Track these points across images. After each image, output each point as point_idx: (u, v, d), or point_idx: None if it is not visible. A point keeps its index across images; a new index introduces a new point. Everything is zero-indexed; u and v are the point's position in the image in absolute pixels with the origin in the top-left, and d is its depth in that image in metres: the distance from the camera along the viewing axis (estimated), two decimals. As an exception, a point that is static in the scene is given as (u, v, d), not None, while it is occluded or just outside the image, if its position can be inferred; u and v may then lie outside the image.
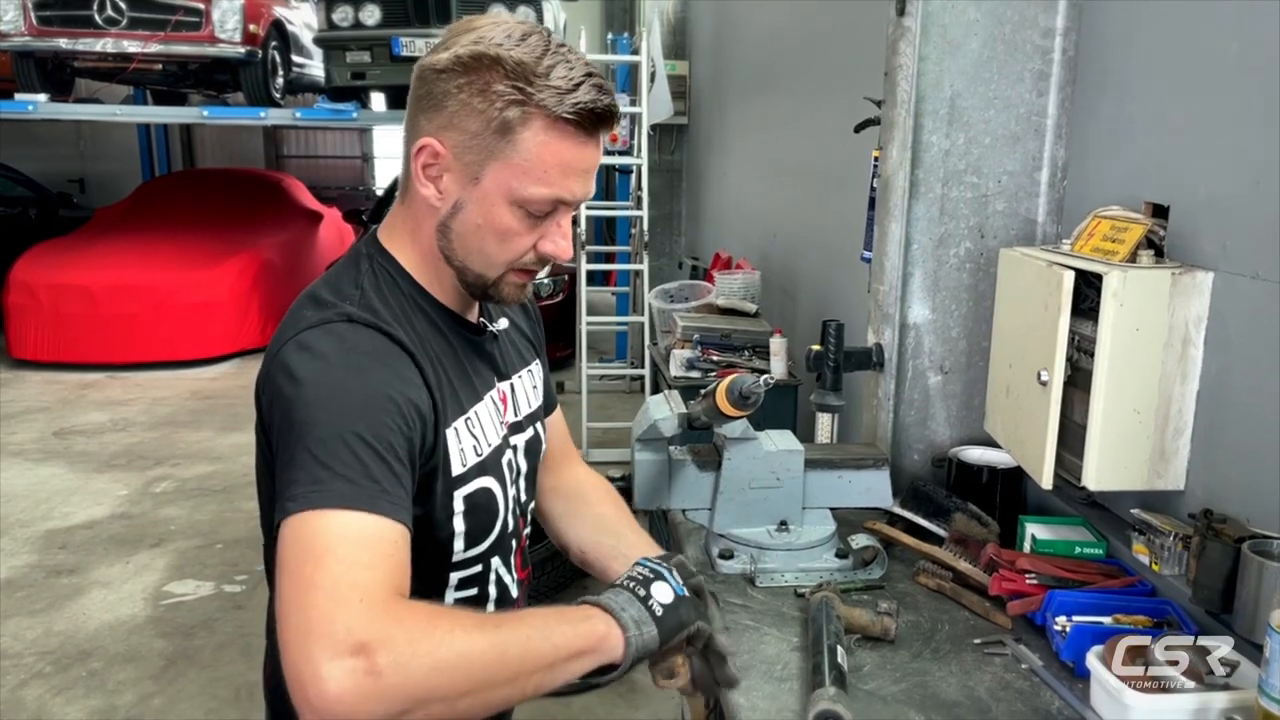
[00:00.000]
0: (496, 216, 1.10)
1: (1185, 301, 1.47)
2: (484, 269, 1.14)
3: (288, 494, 0.95)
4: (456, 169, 1.09)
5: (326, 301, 1.09)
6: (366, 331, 1.06)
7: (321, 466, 0.94)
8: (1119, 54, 1.77)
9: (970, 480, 1.89)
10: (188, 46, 7.26)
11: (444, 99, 1.07)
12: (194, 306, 7.84)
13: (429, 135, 1.09)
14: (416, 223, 1.15)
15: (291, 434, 0.98)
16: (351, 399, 0.99)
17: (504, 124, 1.06)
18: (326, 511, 0.92)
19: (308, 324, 1.06)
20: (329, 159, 15.90)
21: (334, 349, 1.03)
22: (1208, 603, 1.34)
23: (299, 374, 1.01)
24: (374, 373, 1.03)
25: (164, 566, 4.30)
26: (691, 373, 3.36)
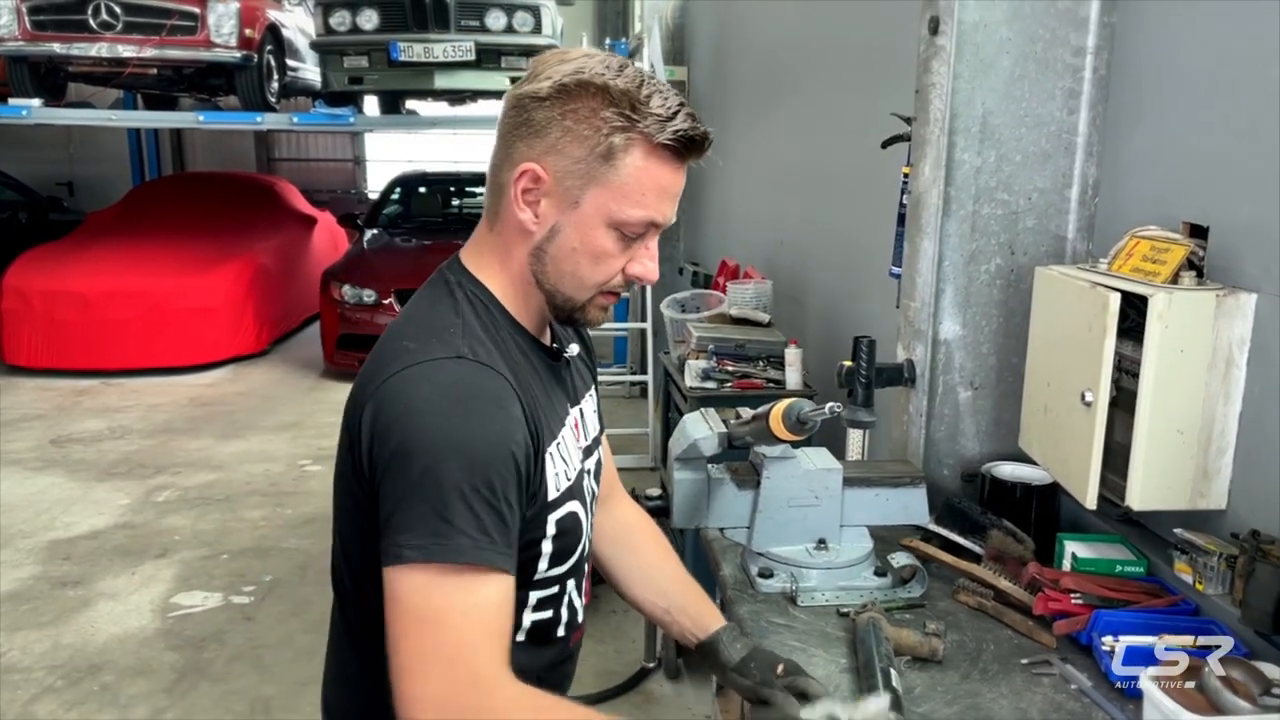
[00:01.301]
0: (594, 239, 1.12)
1: (1229, 323, 1.49)
2: (575, 291, 1.15)
3: (402, 540, 0.97)
4: (556, 194, 1.11)
5: (429, 334, 1.09)
6: (477, 370, 1.06)
7: (441, 520, 0.97)
8: (1152, 74, 1.78)
9: (1004, 497, 1.90)
10: (183, 51, 7.21)
11: (547, 125, 1.09)
12: (189, 312, 7.80)
13: (530, 161, 1.10)
14: (507, 248, 1.16)
15: (408, 477, 0.99)
16: (473, 451, 1.00)
17: (609, 149, 1.08)
18: (443, 569, 0.97)
19: (415, 359, 1.05)
20: (321, 162, 15.82)
21: (449, 392, 1.03)
22: (1258, 624, 1.36)
23: (415, 416, 1.01)
24: (492, 420, 1.03)
25: (170, 577, 4.28)
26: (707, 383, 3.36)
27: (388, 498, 1.01)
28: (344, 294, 7.63)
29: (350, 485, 1.10)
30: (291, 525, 4.87)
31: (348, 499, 1.12)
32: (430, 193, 9.80)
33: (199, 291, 7.82)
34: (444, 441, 0.99)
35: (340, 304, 7.62)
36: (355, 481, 1.09)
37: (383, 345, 1.11)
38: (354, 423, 1.08)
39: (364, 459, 1.05)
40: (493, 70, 7.26)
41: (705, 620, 1.41)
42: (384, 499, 1.02)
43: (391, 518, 1.00)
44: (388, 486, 1.01)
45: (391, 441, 1.01)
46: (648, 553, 1.49)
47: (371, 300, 7.57)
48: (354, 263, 8.20)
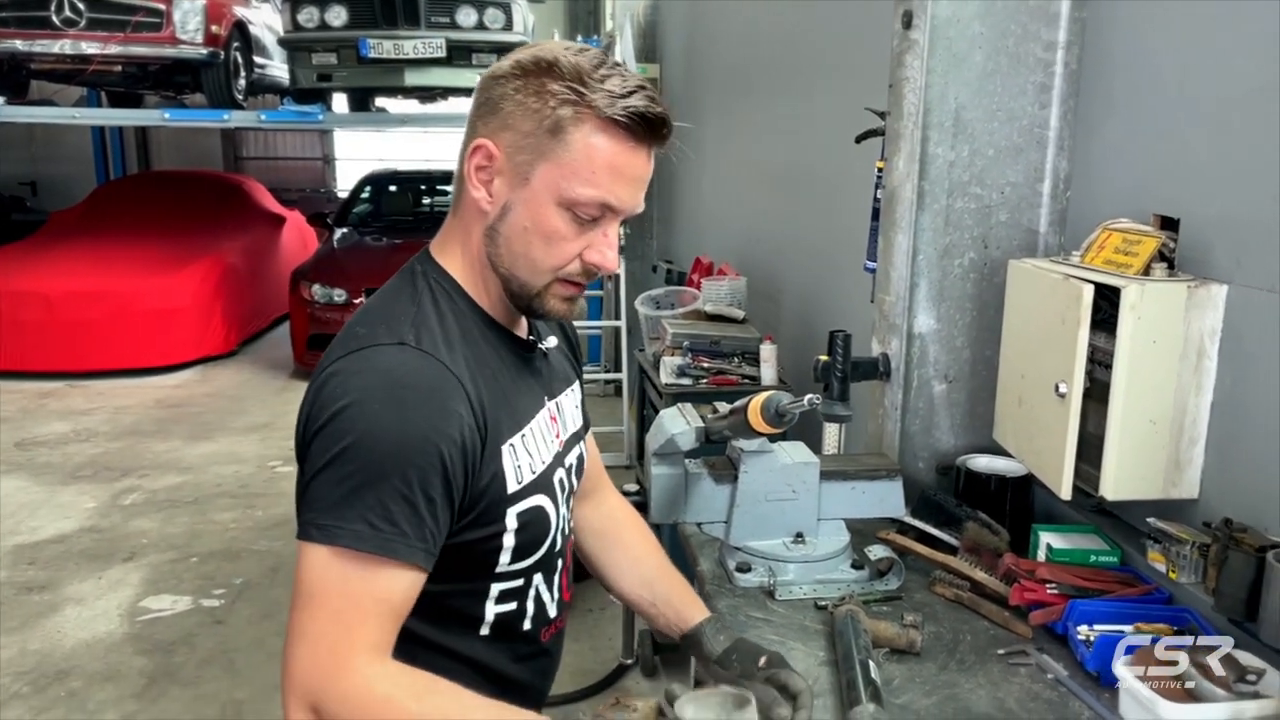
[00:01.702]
0: (544, 218, 1.10)
1: (1200, 314, 1.50)
2: (530, 276, 1.14)
3: (308, 516, 1.00)
4: (508, 170, 1.10)
5: (379, 321, 1.09)
6: (416, 357, 1.05)
7: (345, 504, 0.99)
8: (1122, 69, 1.80)
9: (979, 488, 1.91)
10: (148, 48, 7.10)
11: (500, 101, 1.09)
12: (155, 313, 7.68)
13: (483, 137, 1.10)
14: (467, 231, 1.16)
15: (326, 457, 1.01)
16: (394, 441, 1.00)
17: (556, 122, 1.07)
18: (341, 553, 0.98)
19: (357, 345, 1.06)
20: (289, 160, 15.66)
21: (380, 379, 1.03)
22: (1231, 611, 1.37)
23: (342, 400, 1.02)
24: (417, 411, 1.02)
25: (138, 581, 4.21)
26: (683, 379, 3.36)
27: (307, 474, 1.03)
28: (314, 293, 7.56)
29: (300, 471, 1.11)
30: (262, 527, 4.82)
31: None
32: (401, 191, 9.73)
33: (166, 292, 7.71)
34: (364, 428, 1.00)
35: (310, 304, 7.55)
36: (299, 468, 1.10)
37: (339, 333, 1.12)
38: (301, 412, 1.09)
39: (299, 437, 1.07)
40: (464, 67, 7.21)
41: (689, 612, 1.40)
42: (304, 475, 1.04)
43: (305, 493, 1.02)
44: (308, 464, 1.03)
45: (318, 421, 1.02)
46: (633, 545, 1.48)
47: (342, 300, 7.50)
48: (324, 262, 8.13)
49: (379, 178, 10.02)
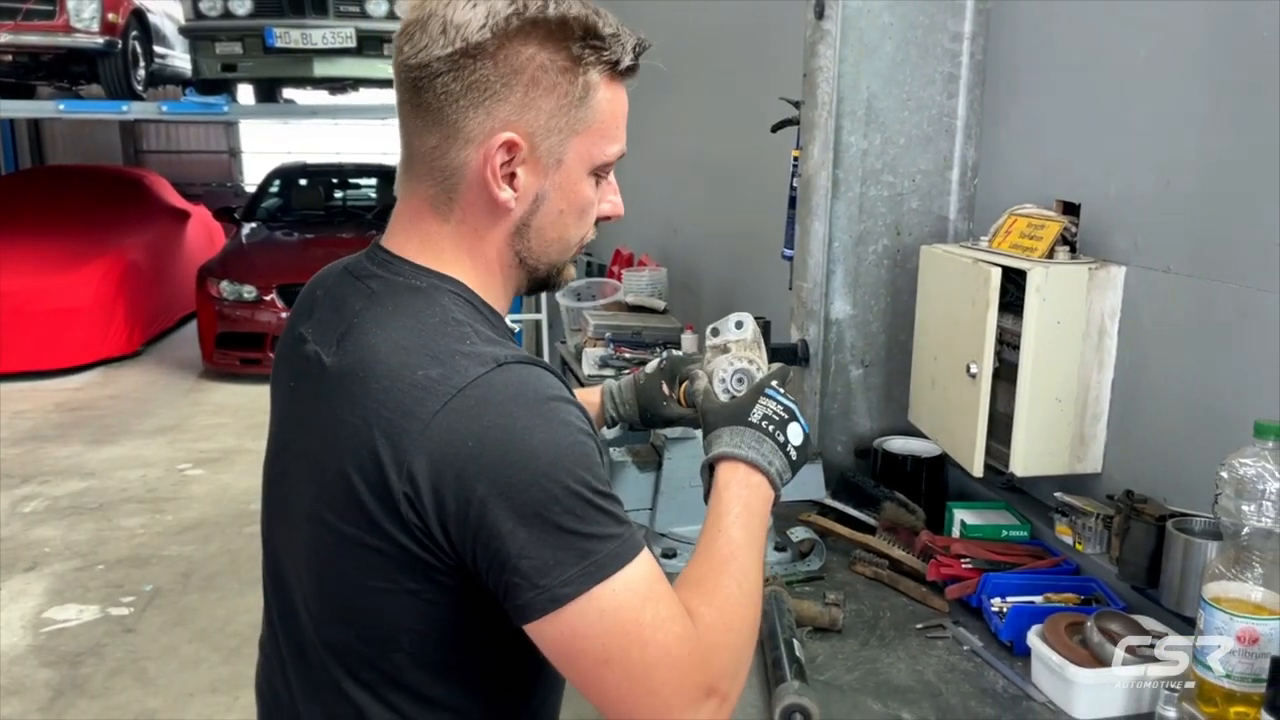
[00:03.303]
0: (579, 193, 1.00)
1: (1101, 295, 1.56)
2: (561, 255, 1.04)
3: (553, 580, 0.84)
4: (534, 158, 0.95)
5: (446, 354, 0.90)
6: (524, 370, 0.91)
7: (581, 537, 0.85)
8: (1026, 58, 1.86)
9: (895, 469, 1.95)
10: (40, 37, 6.81)
11: (507, 81, 0.92)
12: (53, 313, 7.37)
13: (499, 129, 0.93)
14: (478, 237, 0.99)
15: (519, 516, 0.84)
16: (566, 453, 0.87)
17: (585, 88, 0.95)
18: (611, 581, 0.85)
19: (455, 385, 0.87)
20: (193, 154, 15.16)
21: (514, 405, 0.87)
22: (1134, 579, 1.43)
23: (494, 449, 0.85)
24: (563, 413, 0.89)
25: (41, 591, 4.05)
26: (605, 370, 3.36)
27: (500, 550, 0.85)
28: (222, 290, 7.34)
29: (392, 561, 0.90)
30: (172, 532, 4.67)
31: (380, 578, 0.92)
32: (311, 185, 9.49)
33: (63, 291, 7.41)
34: (539, 459, 0.85)
35: (218, 301, 7.33)
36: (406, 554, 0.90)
37: (390, 386, 0.89)
38: (395, 490, 0.87)
39: (430, 523, 0.87)
40: (375, 58, 7.09)
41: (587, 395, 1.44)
42: (491, 553, 0.86)
43: (521, 566, 0.84)
44: (494, 540, 0.85)
45: (479, 488, 0.84)
46: None
47: (252, 296, 7.30)
48: (232, 258, 7.90)
49: (288, 171, 9.77)
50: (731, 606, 0.94)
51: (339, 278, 1.04)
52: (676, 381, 1.39)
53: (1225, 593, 1.17)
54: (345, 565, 0.93)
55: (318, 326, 1.00)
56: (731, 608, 0.94)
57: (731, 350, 1.24)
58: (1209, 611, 1.16)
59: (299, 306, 1.08)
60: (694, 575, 0.97)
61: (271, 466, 1.07)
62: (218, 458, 5.72)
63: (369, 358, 0.91)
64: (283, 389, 1.05)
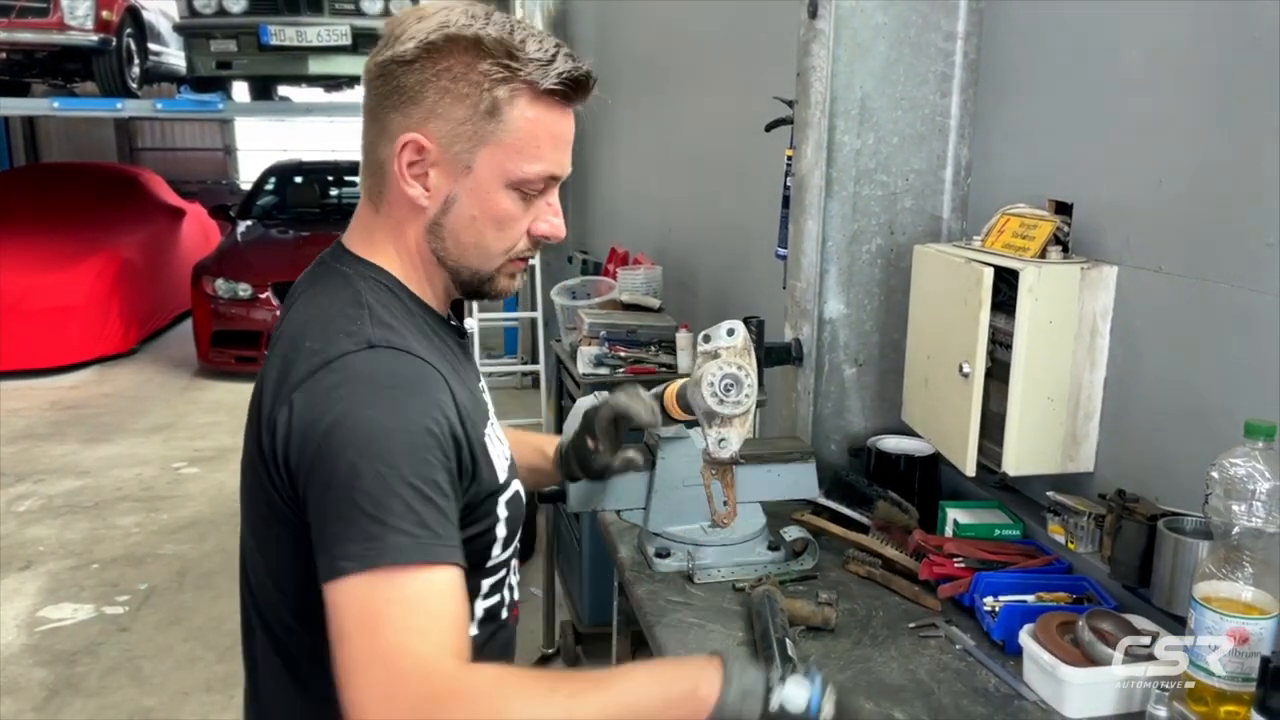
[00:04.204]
0: (493, 204, 1.06)
1: (1093, 294, 1.57)
2: (482, 263, 1.10)
3: (339, 551, 0.89)
4: (444, 162, 1.04)
5: (333, 330, 1.00)
6: (391, 356, 0.98)
7: (373, 521, 0.89)
8: (1020, 58, 1.86)
9: (889, 468, 1.96)
10: (34, 34, 6.80)
11: (421, 89, 1.02)
12: (48, 311, 7.37)
13: (409, 131, 1.02)
14: (399, 228, 1.09)
15: (333, 483, 0.91)
16: (393, 441, 0.92)
17: (493, 104, 1.01)
18: (384, 571, 0.88)
19: (323, 359, 0.96)
20: (188, 151, 15.15)
21: (363, 385, 0.95)
22: (1125, 578, 1.43)
23: (331, 416, 0.93)
24: (409, 406, 0.96)
25: (36, 590, 4.05)
26: (600, 369, 3.36)
27: (315, 511, 0.93)
28: (217, 288, 7.33)
29: (276, 513, 1.00)
30: (167, 530, 4.66)
31: (276, 529, 1.02)
32: (307, 182, 9.48)
33: (58, 289, 7.40)
34: (365, 437, 0.92)
35: (213, 299, 7.33)
36: (279, 507, 1.00)
37: (285, 354, 1.01)
38: (267, 443, 0.98)
39: (283, 475, 0.97)
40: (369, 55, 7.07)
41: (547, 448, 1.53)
42: (312, 513, 0.94)
43: (324, 531, 0.92)
44: (313, 499, 0.93)
45: (310, 449, 0.93)
46: None
47: (247, 295, 7.30)
48: (227, 256, 7.89)
49: (284, 168, 9.76)
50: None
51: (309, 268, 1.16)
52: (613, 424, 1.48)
53: (1216, 592, 1.17)
54: (253, 513, 1.05)
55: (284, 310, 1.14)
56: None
57: (721, 356, 1.25)
58: (1200, 611, 1.17)
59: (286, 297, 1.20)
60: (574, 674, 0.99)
61: None
62: (213, 456, 5.71)
63: (288, 330, 1.05)
64: None
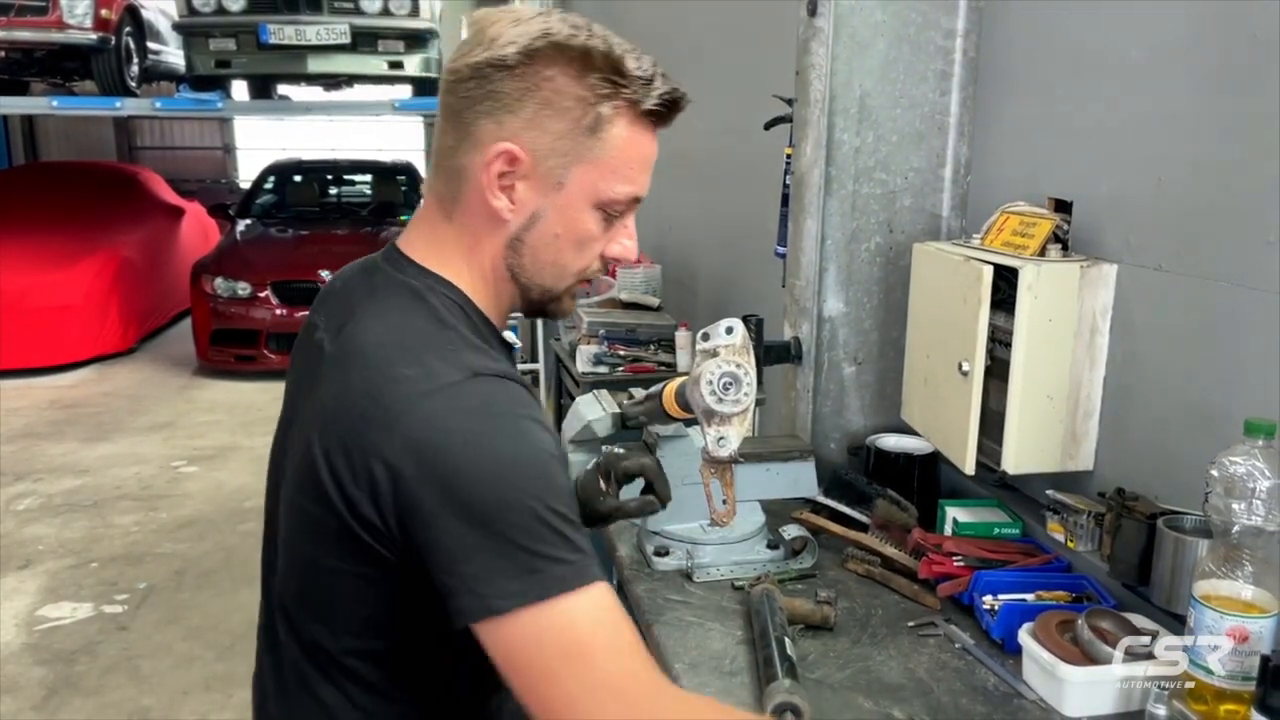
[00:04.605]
0: (579, 223, 1.02)
1: (1093, 293, 1.56)
2: (555, 282, 1.06)
3: (493, 589, 0.86)
4: (535, 175, 0.99)
5: (426, 355, 0.93)
6: (497, 384, 0.93)
7: (530, 554, 0.86)
8: (1019, 56, 1.86)
9: (888, 467, 1.95)
10: (33, 33, 6.79)
11: (520, 98, 0.96)
12: (47, 310, 7.36)
13: (504, 140, 0.97)
14: (475, 240, 1.03)
15: (472, 521, 0.86)
16: (529, 470, 0.88)
17: (596, 121, 0.97)
18: (557, 601, 0.86)
19: (429, 387, 0.90)
20: (187, 150, 15.12)
21: (482, 415, 0.90)
22: (1125, 577, 1.43)
23: (456, 452, 0.87)
24: (531, 431, 0.91)
25: (35, 589, 4.04)
26: (599, 368, 3.37)
27: (447, 552, 0.87)
28: (216, 287, 7.32)
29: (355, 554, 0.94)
30: (166, 529, 4.66)
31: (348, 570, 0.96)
32: (306, 181, 9.47)
33: (57, 288, 7.38)
34: (501, 470, 0.87)
35: (213, 298, 7.31)
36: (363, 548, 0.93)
37: (364, 376, 0.93)
38: (357, 478, 0.90)
39: (386, 515, 0.90)
40: (369, 54, 7.08)
41: None
42: (439, 554, 0.88)
43: (464, 570, 0.86)
44: (443, 539, 0.87)
45: (435, 488, 0.87)
46: None
47: (246, 293, 7.29)
48: (227, 255, 7.87)
49: (283, 167, 9.75)
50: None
51: (355, 273, 1.10)
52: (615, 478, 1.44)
53: (1215, 591, 1.17)
54: (307, 543, 0.98)
55: (328, 316, 1.06)
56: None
57: (720, 355, 1.25)
58: (1199, 609, 1.17)
59: (319, 300, 1.14)
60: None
61: (274, 448, 1.11)
62: (212, 455, 5.71)
63: (358, 349, 0.96)
64: (293, 373, 1.11)
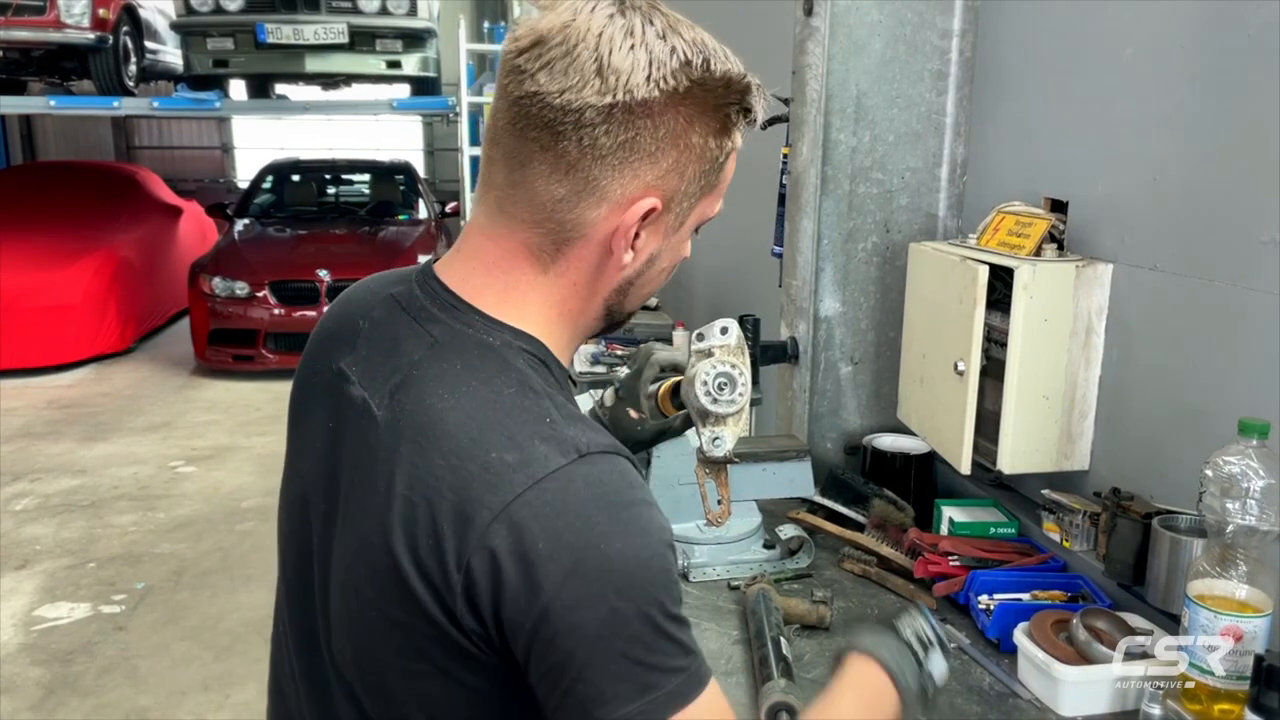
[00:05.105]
0: (683, 251, 0.94)
1: (1088, 292, 1.57)
2: (639, 304, 0.98)
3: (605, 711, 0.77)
4: (662, 220, 0.88)
5: (524, 434, 0.80)
6: (607, 463, 0.81)
7: (648, 669, 0.77)
8: (1015, 56, 1.86)
9: (884, 466, 1.96)
10: (31, 32, 6.80)
11: (661, 146, 0.83)
12: (45, 309, 7.34)
13: (643, 194, 0.85)
14: (574, 291, 0.90)
15: (584, 631, 0.76)
16: (649, 574, 0.78)
17: (729, 152, 0.88)
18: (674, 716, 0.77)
19: (532, 475, 0.78)
20: (185, 150, 15.11)
21: (597, 508, 0.78)
22: (1120, 576, 1.43)
23: (570, 555, 0.76)
24: (649, 523, 0.80)
25: (33, 589, 4.04)
26: (597, 367, 3.37)
27: (556, 666, 0.77)
28: (214, 287, 7.31)
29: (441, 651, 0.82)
30: (164, 529, 4.66)
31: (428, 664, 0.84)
32: (305, 181, 9.46)
33: (55, 287, 7.37)
34: (618, 578, 0.77)
35: (211, 298, 7.31)
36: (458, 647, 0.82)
37: (456, 466, 0.79)
38: (452, 585, 0.79)
39: (485, 621, 0.79)
40: (367, 54, 7.09)
41: None
42: (546, 667, 0.78)
43: (573, 690, 0.77)
44: (549, 652, 0.77)
45: (544, 596, 0.76)
46: None
47: (244, 293, 7.28)
48: (225, 254, 7.86)
49: (281, 167, 9.73)
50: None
51: (388, 310, 0.92)
52: (646, 395, 1.35)
53: (1210, 590, 1.17)
54: (383, 644, 0.85)
55: (365, 366, 0.90)
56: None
57: (715, 355, 1.24)
58: (1194, 609, 1.17)
59: (333, 332, 0.97)
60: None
61: (298, 504, 0.97)
62: (210, 455, 5.71)
63: (433, 425, 0.81)
64: (318, 425, 0.94)
